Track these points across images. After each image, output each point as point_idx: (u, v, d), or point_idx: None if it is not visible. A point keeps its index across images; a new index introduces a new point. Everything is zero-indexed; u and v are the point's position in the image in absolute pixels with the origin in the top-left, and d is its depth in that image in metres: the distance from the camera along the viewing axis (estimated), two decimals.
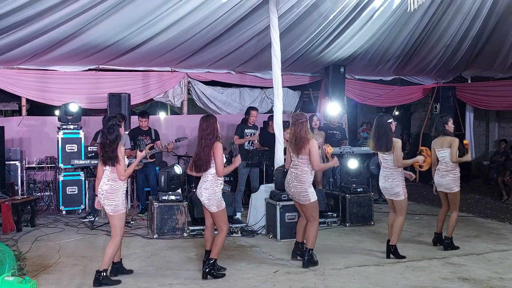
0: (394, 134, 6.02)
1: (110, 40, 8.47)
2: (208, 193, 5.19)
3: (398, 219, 5.93)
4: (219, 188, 5.24)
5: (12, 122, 9.74)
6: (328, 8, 8.47)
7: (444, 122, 6.38)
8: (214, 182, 5.20)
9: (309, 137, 5.53)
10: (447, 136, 6.32)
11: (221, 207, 5.22)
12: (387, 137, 5.84)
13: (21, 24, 7.38)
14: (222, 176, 5.25)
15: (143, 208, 8.63)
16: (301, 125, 5.57)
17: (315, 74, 11.69)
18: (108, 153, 4.95)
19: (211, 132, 5.22)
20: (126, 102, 9.39)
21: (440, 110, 12.42)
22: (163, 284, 5.04)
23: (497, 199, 10.27)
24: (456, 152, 6.18)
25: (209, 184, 5.20)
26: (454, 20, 9.63)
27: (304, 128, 5.55)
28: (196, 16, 7.91)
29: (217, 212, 5.21)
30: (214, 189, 5.19)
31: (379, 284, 5.02)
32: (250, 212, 7.60)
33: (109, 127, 4.99)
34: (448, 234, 6.35)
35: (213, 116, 5.43)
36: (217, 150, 5.15)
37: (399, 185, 5.86)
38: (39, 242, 6.71)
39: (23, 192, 8.88)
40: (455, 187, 6.28)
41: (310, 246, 5.63)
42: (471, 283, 5.06)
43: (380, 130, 5.89)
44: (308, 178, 5.58)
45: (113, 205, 4.97)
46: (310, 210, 5.63)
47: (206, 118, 5.36)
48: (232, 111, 11.15)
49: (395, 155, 5.80)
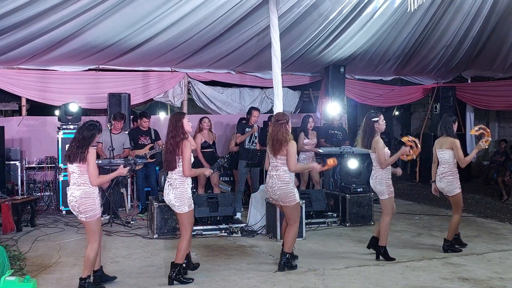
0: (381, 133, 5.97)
1: (110, 40, 8.48)
2: (175, 192, 5.01)
3: (383, 219, 5.88)
4: (189, 187, 5.07)
5: (12, 122, 9.75)
6: (328, 8, 8.48)
7: (453, 121, 6.21)
8: (183, 181, 5.03)
9: (288, 138, 5.39)
10: (449, 137, 6.14)
11: (191, 207, 5.05)
12: (369, 136, 5.85)
13: (21, 24, 7.39)
14: (188, 177, 5.05)
15: (143, 208, 8.63)
16: (279, 126, 5.43)
17: (315, 74, 11.69)
18: (73, 148, 4.74)
19: (179, 130, 5.02)
20: (126, 102, 9.41)
21: (440, 110, 12.43)
22: (163, 284, 5.04)
23: (497, 199, 10.27)
24: (461, 155, 6.02)
25: (178, 183, 5.02)
26: (454, 20, 9.63)
27: (282, 129, 5.41)
28: (196, 16, 7.91)
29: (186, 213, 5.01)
30: (184, 187, 5.03)
31: (379, 284, 5.02)
32: (250, 212, 7.60)
33: (89, 125, 4.83)
34: (448, 237, 6.26)
35: (182, 113, 5.23)
36: (185, 149, 4.96)
37: (381, 184, 5.81)
38: (39, 242, 6.72)
39: (23, 192, 8.88)
40: (455, 189, 6.13)
41: (287, 250, 5.49)
42: (471, 283, 5.06)
43: (365, 127, 5.92)
44: (291, 177, 5.54)
45: (89, 210, 4.72)
46: (293, 212, 5.48)
47: (174, 115, 5.18)
48: (232, 111, 11.15)
49: (377, 154, 5.77)
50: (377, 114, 5.90)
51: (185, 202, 5.02)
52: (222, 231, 7.13)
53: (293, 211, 5.49)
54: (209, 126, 8.47)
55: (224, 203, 7.23)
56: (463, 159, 6.05)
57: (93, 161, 4.72)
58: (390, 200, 5.85)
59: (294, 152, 5.38)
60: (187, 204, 5.03)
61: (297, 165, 5.50)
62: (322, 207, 7.69)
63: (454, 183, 6.13)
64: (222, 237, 7.03)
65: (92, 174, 4.71)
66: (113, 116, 8.60)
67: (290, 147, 5.36)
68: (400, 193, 10.51)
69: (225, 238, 6.99)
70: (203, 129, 8.41)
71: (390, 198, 5.84)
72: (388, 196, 5.82)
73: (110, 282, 5.06)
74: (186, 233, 5.07)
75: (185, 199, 5.02)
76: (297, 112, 11.91)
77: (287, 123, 5.49)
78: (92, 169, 4.71)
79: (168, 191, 5.07)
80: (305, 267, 5.56)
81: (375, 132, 5.85)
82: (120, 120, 8.50)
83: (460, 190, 6.16)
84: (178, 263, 5.08)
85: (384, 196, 5.84)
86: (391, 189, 5.84)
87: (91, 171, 4.71)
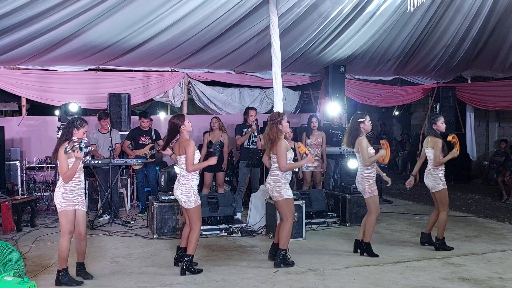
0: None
1: (110, 40, 8.48)
2: (182, 188, 5.25)
3: (368, 217, 6.00)
4: (195, 184, 5.28)
5: (12, 122, 9.75)
6: (328, 8, 8.48)
7: (432, 122, 6.35)
8: (189, 178, 5.25)
9: (278, 137, 5.52)
10: (432, 136, 6.29)
11: (197, 202, 5.26)
12: (353, 135, 5.97)
13: (21, 24, 7.39)
14: (193, 172, 5.24)
15: (143, 208, 8.64)
16: (272, 125, 5.60)
17: (315, 74, 11.69)
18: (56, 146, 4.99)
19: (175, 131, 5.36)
20: (126, 102, 9.41)
21: (440, 110, 12.43)
22: (163, 284, 5.04)
23: (497, 199, 10.27)
24: (438, 155, 6.16)
25: (185, 180, 5.25)
26: (454, 20, 9.63)
27: (274, 128, 5.57)
28: (196, 16, 7.91)
29: (193, 208, 5.24)
30: (190, 184, 5.24)
31: (379, 284, 5.02)
32: (250, 212, 7.61)
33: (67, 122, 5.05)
34: (439, 235, 6.33)
35: (182, 116, 5.50)
36: (188, 147, 5.18)
37: (362, 183, 5.95)
38: (39, 242, 6.72)
39: (23, 192, 8.88)
40: (438, 185, 6.25)
41: (282, 246, 5.59)
42: (471, 283, 5.06)
43: (351, 127, 6.06)
44: (283, 174, 5.57)
45: (57, 203, 4.96)
46: (282, 207, 5.59)
47: (174, 117, 5.44)
48: (232, 111, 11.15)
49: (361, 153, 5.90)
50: (363, 115, 6.06)
51: (190, 198, 5.24)
52: (222, 231, 7.13)
53: (283, 207, 5.59)
54: (215, 126, 8.48)
55: (224, 203, 7.24)
56: (438, 159, 6.18)
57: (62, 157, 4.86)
58: (372, 199, 5.97)
59: (282, 152, 5.47)
60: (193, 200, 5.23)
61: (287, 165, 5.54)
62: (322, 207, 7.69)
63: (438, 179, 6.25)
64: (222, 237, 7.04)
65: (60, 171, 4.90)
66: (98, 116, 8.59)
67: (278, 147, 5.49)
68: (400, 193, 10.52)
69: (225, 238, 6.99)
70: (213, 129, 8.44)
71: (372, 197, 5.96)
72: (370, 195, 5.95)
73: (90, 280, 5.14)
74: (196, 226, 5.29)
75: (190, 195, 5.23)
76: (297, 112, 11.92)
77: (280, 122, 5.60)
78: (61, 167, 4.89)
79: (176, 187, 5.34)
80: (305, 267, 5.56)
81: (360, 132, 5.98)
82: (105, 118, 8.49)
83: (444, 186, 6.28)
84: (190, 254, 5.28)
85: (365, 195, 6.00)
86: (372, 188, 5.95)
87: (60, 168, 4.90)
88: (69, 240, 4.92)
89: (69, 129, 4.99)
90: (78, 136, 4.98)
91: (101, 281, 5.14)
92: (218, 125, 8.47)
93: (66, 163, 4.87)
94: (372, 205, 5.98)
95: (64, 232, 4.91)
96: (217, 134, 8.43)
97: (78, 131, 5.01)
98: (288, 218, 5.59)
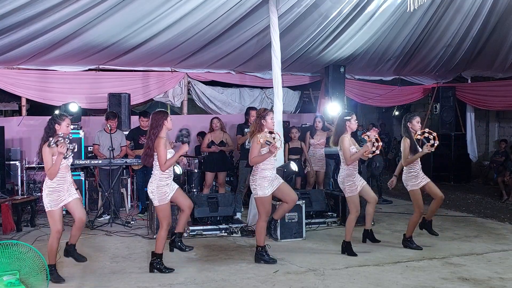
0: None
1: (110, 40, 8.48)
2: (150, 186, 5.31)
3: (348, 216, 6.07)
4: (164, 182, 5.28)
5: (12, 122, 9.74)
6: (328, 8, 8.48)
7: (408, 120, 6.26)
8: (159, 176, 5.27)
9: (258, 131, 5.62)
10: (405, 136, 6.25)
11: (163, 201, 5.26)
12: (338, 133, 6.01)
13: (21, 24, 7.39)
14: (166, 170, 5.24)
15: (143, 208, 8.63)
16: (257, 119, 5.74)
17: (315, 74, 11.70)
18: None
19: (156, 128, 5.30)
20: (126, 102, 9.41)
21: (440, 110, 12.44)
22: (163, 284, 5.04)
23: (497, 199, 10.26)
24: (407, 155, 6.15)
25: (154, 178, 5.30)
26: (454, 20, 9.64)
27: (254, 123, 5.72)
28: (196, 16, 7.92)
29: (157, 207, 5.28)
30: (158, 183, 5.26)
31: (379, 284, 5.02)
32: (250, 212, 7.59)
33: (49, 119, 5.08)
34: (407, 233, 6.38)
35: (164, 112, 5.45)
36: (158, 145, 5.19)
37: (343, 182, 5.99)
38: (39, 242, 6.70)
39: (23, 192, 8.87)
40: (407, 186, 6.29)
41: (258, 243, 5.72)
42: (471, 283, 5.06)
43: (337, 124, 6.11)
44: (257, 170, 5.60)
45: (44, 203, 5.02)
46: (257, 204, 5.68)
47: (155, 113, 5.43)
48: (232, 111, 11.15)
49: (342, 151, 5.93)
50: (350, 114, 6.12)
51: (155, 196, 5.26)
52: (222, 231, 7.12)
53: (257, 203, 5.68)
54: (217, 126, 8.49)
55: (224, 203, 7.23)
56: (406, 159, 6.18)
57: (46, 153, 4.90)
58: (351, 199, 5.99)
59: (254, 147, 5.55)
60: (158, 198, 5.25)
61: (253, 159, 5.58)
62: (322, 207, 7.69)
63: (407, 180, 6.27)
64: (222, 237, 7.03)
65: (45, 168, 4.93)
66: (106, 116, 8.55)
67: (252, 141, 5.62)
68: (400, 193, 10.51)
69: (225, 238, 6.99)
70: (214, 130, 8.45)
71: (351, 196, 5.99)
72: (349, 194, 5.99)
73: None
74: (161, 225, 5.35)
75: (155, 193, 5.26)
76: (297, 112, 11.93)
77: (264, 118, 5.68)
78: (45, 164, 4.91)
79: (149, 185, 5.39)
80: (305, 267, 5.56)
81: (345, 130, 6.01)
82: (113, 119, 8.45)
83: (415, 188, 6.25)
84: (157, 252, 5.36)
85: (346, 194, 6.04)
86: (352, 188, 5.97)
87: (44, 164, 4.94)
88: (58, 239, 5.04)
89: (50, 126, 5.02)
90: (62, 131, 5.00)
91: (101, 281, 5.14)
92: (220, 125, 8.51)
93: (50, 158, 4.89)
94: (351, 204, 6.01)
95: (52, 231, 5.02)
96: (219, 134, 8.44)
97: (60, 126, 5.03)
98: (262, 214, 5.66)
